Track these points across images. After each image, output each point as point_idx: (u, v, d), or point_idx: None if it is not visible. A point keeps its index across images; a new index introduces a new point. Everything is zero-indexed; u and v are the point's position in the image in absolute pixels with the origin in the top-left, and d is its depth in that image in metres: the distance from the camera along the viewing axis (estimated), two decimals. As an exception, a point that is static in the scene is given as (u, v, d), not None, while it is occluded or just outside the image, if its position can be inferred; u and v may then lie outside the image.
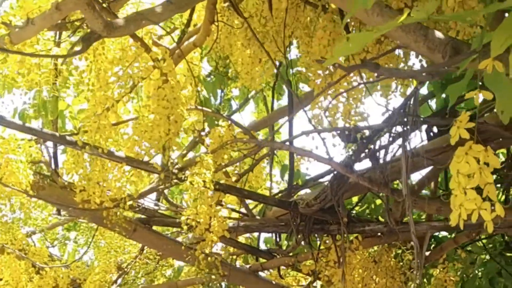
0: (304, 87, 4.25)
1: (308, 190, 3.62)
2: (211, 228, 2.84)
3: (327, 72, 2.73)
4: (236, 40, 3.19)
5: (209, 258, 2.86)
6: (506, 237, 3.72)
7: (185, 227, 2.82)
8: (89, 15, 2.02)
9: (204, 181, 2.86)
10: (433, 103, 3.52)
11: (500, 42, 1.37)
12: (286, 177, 4.74)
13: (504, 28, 1.36)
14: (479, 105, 1.51)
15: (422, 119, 2.41)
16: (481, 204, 1.38)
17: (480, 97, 1.48)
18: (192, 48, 3.34)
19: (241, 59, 3.18)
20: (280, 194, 3.75)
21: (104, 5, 2.38)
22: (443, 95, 3.52)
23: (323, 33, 2.67)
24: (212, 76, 4.29)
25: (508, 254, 3.86)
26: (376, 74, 1.90)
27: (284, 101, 4.51)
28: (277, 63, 3.27)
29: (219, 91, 4.44)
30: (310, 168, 16.16)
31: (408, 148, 2.34)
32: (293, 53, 4.09)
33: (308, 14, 2.96)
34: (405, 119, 2.40)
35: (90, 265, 4.93)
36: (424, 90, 3.91)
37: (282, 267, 3.83)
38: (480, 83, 1.54)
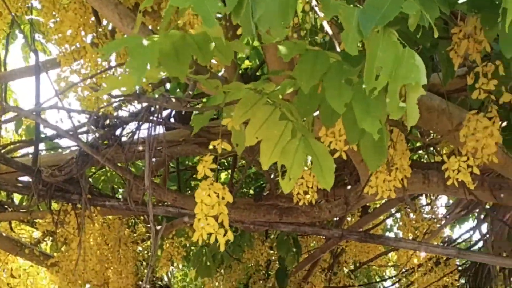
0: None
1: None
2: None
3: (73, 47, 3.02)
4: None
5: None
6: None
7: None
8: None
9: None
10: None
11: (239, 115, 1.86)
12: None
13: (242, 104, 1.85)
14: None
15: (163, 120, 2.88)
16: (218, 229, 1.84)
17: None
18: None
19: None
20: (12, 146, 3.98)
21: None
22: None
23: (73, 16, 2.89)
24: None
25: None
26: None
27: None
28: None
29: None
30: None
31: (151, 144, 2.78)
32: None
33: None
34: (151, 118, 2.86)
35: None
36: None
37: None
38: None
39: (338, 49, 1.96)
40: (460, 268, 5.27)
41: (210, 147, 1.92)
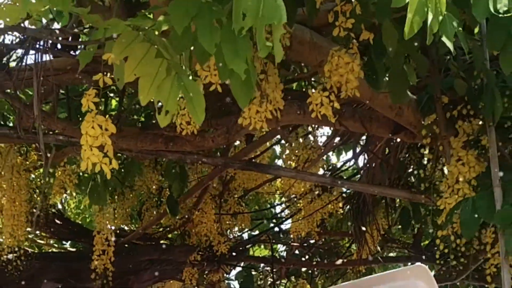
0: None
1: None
2: None
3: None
4: None
5: None
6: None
7: None
8: None
9: None
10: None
11: (118, 51, 2.08)
12: None
13: (121, 41, 2.06)
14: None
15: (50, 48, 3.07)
16: (102, 159, 2.06)
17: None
18: None
19: None
20: None
21: None
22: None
23: None
24: None
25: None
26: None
27: None
28: None
29: None
30: None
31: (39, 72, 2.95)
32: None
33: None
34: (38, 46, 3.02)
35: None
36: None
37: None
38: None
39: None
40: (344, 195, 5.69)
41: (95, 77, 2.13)
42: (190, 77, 2.30)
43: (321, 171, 5.68)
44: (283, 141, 4.62)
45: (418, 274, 1.69)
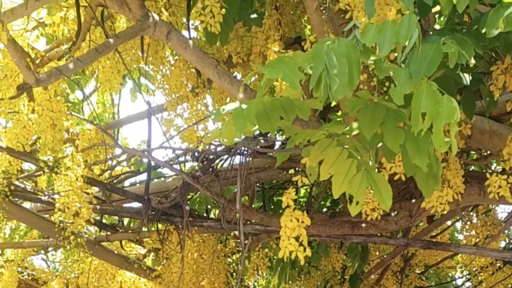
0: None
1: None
2: (80, 214, 3.60)
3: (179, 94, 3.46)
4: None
5: (78, 239, 3.66)
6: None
7: (58, 212, 3.54)
8: (24, 73, 2.66)
9: (76, 176, 3.61)
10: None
11: (315, 156, 2.28)
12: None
13: (318, 147, 2.27)
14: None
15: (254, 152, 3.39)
16: (298, 248, 2.28)
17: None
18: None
19: (102, 68, 3.69)
20: (122, 177, 4.62)
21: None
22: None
23: (178, 71, 3.40)
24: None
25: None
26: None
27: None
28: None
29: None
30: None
31: (242, 174, 3.27)
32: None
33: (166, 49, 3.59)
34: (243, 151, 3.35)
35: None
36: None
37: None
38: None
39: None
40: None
41: (295, 178, 2.36)
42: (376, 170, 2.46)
43: (502, 243, 5.56)
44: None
45: None
